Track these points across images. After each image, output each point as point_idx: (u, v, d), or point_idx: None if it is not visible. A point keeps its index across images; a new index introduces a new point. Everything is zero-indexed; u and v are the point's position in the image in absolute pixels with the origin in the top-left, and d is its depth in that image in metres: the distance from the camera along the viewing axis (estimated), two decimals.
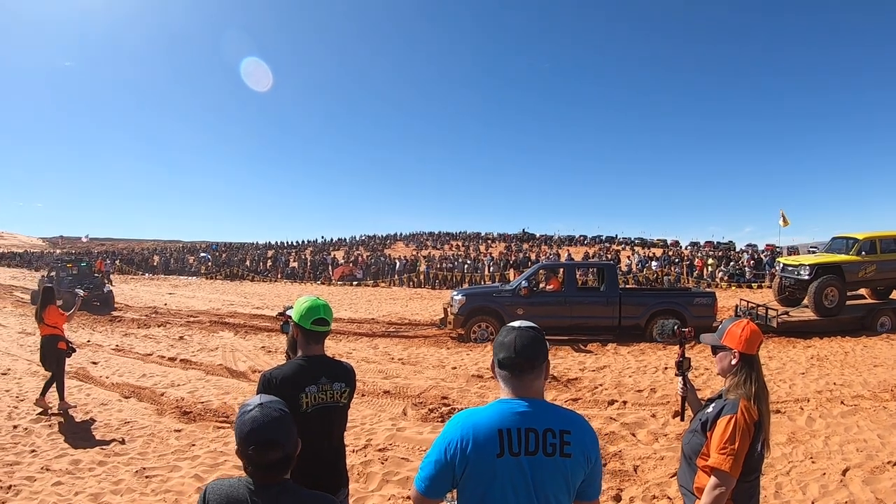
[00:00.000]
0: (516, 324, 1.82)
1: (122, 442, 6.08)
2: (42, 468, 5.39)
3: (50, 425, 6.70)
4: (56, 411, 7.11)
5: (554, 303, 12.02)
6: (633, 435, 5.98)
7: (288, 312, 2.77)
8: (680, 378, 2.84)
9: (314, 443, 2.37)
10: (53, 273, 21.62)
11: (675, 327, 3.11)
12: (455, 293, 12.74)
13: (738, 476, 2.12)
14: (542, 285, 13.11)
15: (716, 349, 2.42)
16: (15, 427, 6.60)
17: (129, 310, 19.32)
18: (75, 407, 7.31)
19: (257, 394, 2.37)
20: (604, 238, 53.30)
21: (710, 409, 2.31)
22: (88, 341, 12.66)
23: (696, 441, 2.31)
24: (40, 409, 7.10)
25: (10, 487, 4.95)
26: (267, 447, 1.54)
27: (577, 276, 15.15)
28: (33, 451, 5.86)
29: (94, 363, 10.24)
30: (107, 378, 9.11)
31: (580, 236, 54.73)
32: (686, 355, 2.86)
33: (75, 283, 19.31)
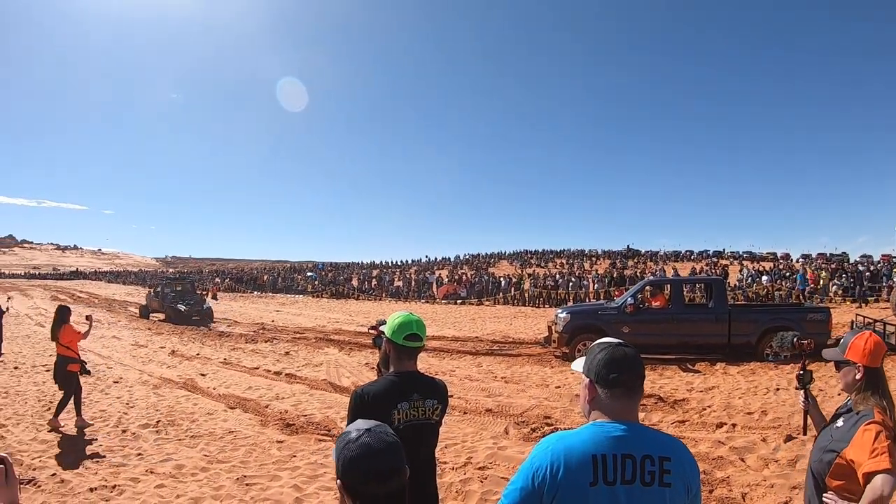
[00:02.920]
0: (612, 340, 1.75)
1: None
2: (147, 471, 5.70)
3: (157, 431, 7.12)
4: (63, 429, 7.20)
5: (661, 320, 11.96)
6: (742, 460, 5.80)
7: (381, 327, 2.83)
8: (801, 392, 2.87)
9: None
10: (159, 289, 24.55)
11: (795, 339, 3.18)
12: (559, 311, 12.88)
13: None
14: (648, 302, 12.98)
15: (839, 364, 2.40)
16: (123, 431, 7.11)
17: (237, 326, 20.63)
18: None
19: (350, 409, 2.48)
20: (711, 253, 52.62)
21: (840, 424, 2.28)
22: (198, 354, 13.57)
23: (827, 459, 2.23)
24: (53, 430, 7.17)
25: (114, 487, 5.26)
26: (387, 476, 1.38)
27: (685, 292, 14.69)
28: (139, 454, 6.24)
29: (203, 375, 10.91)
30: (214, 389, 9.63)
31: (686, 251, 54.13)
32: (807, 368, 2.92)
33: (178, 299, 22.65)
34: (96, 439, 6.82)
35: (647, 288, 13.62)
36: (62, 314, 7.77)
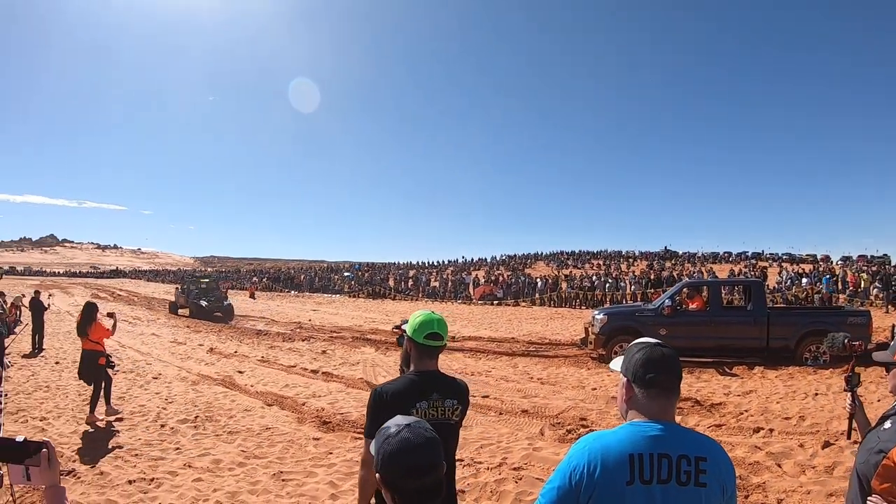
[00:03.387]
0: (650, 340, 1.79)
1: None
2: (184, 465, 5.79)
3: (195, 426, 7.23)
4: (100, 423, 7.42)
5: (698, 322, 11.92)
6: (779, 465, 5.75)
7: (404, 326, 2.81)
8: (849, 394, 2.86)
9: None
10: (185, 286, 25.98)
11: (846, 340, 3.20)
12: (596, 312, 12.88)
13: None
14: (685, 304, 12.86)
15: (889, 366, 2.40)
16: (162, 426, 7.25)
17: (274, 324, 20.92)
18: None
19: (369, 407, 2.49)
20: (749, 254, 51.76)
21: (888, 425, 2.24)
22: (235, 352, 13.77)
23: (874, 460, 2.18)
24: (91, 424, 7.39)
25: (152, 480, 5.35)
26: (425, 471, 1.43)
27: (723, 294, 14.26)
28: (178, 448, 6.35)
29: (241, 372, 11.06)
30: (251, 387, 9.76)
31: (724, 253, 53.42)
32: (856, 370, 2.91)
33: (201, 295, 23.81)
34: (135, 433, 6.96)
35: (685, 290, 13.48)
36: (91, 311, 8.03)
